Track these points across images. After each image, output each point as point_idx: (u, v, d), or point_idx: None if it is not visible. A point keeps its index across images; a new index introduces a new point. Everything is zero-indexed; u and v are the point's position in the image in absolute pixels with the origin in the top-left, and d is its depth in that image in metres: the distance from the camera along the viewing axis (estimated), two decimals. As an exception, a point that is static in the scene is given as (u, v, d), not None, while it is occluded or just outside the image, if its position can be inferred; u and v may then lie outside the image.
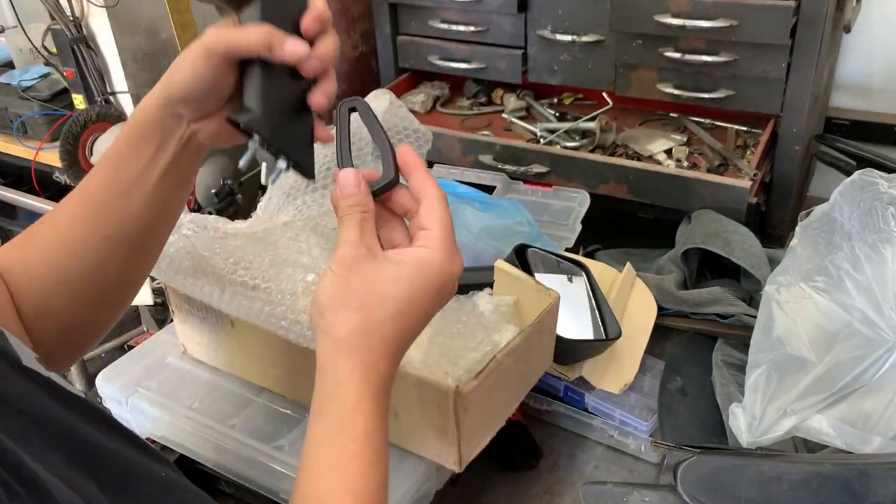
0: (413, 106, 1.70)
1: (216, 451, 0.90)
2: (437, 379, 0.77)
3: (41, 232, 0.73)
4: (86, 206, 0.72)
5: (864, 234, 0.88)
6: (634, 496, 0.84)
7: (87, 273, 0.71)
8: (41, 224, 0.74)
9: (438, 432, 0.80)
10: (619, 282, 1.12)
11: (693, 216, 1.27)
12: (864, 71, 1.67)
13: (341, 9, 1.94)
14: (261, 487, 0.88)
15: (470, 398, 0.76)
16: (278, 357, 0.92)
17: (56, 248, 0.71)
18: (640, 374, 1.07)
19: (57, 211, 0.74)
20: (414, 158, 0.65)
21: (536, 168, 1.40)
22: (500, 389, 0.84)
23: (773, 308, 0.91)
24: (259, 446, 0.88)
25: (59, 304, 0.71)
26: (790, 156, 1.37)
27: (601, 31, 1.43)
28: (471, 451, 0.82)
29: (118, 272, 0.74)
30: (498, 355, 0.80)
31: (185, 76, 0.66)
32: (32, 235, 0.73)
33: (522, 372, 0.90)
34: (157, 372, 1.02)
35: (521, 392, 0.93)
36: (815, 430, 0.83)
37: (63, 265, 0.71)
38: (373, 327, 0.58)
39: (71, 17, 1.54)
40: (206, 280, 0.86)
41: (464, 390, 0.75)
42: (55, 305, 0.71)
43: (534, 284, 0.93)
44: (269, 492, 0.87)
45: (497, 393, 0.84)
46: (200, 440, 0.91)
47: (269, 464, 0.86)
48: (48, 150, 1.74)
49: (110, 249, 0.72)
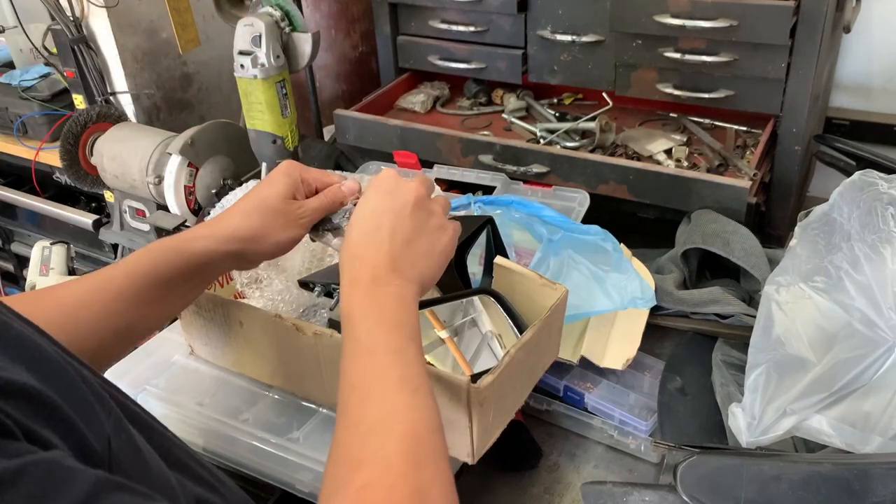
0: (413, 106, 1.71)
1: (229, 446, 0.91)
2: (451, 373, 0.78)
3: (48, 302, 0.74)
4: (106, 300, 0.75)
5: (864, 235, 0.88)
6: (634, 496, 0.84)
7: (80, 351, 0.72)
8: (49, 293, 0.76)
9: (452, 426, 0.80)
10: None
11: (693, 216, 1.27)
12: (863, 71, 1.67)
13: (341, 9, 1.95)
14: (276, 480, 0.88)
15: (485, 393, 0.77)
16: (287, 356, 0.92)
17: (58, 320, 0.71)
18: (640, 374, 1.07)
19: (70, 290, 0.75)
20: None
21: (536, 168, 1.40)
22: (513, 383, 0.86)
23: (773, 308, 0.91)
24: (273, 439, 0.89)
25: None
26: (790, 156, 1.37)
27: (601, 31, 1.43)
28: (484, 443, 0.82)
29: (109, 352, 0.78)
30: (511, 350, 0.82)
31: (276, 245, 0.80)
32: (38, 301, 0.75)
33: (532, 365, 0.91)
34: (163, 370, 1.02)
35: (530, 384, 0.94)
36: (815, 429, 0.83)
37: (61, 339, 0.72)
38: (356, 251, 0.69)
39: (71, 17, 1.54)
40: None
41: (479, 385, 0.76)
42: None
43: (538, 279, 0.93)
44: (284, 484, 0.87)
45: (509, 386, 0.85)
46: (212, 435, 0.92)
47: (285, 455, 0.87)
48: (48, 150, 1.74)
49: (111, 338, 0.76)
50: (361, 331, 0.64)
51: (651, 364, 1.09)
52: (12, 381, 0.41)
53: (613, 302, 1.06)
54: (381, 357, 0.62)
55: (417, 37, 1.67)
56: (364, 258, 0.68)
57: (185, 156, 1.42)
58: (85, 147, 1.58)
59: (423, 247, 0.71)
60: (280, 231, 0.79)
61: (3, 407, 0.39)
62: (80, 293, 0.75)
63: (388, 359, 0.62)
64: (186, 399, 0.96)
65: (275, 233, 0.79)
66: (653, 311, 1.10)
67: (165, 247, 0.79)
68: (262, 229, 0.79)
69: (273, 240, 0.79)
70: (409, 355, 0.63)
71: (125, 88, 1.61)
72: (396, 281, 0.67)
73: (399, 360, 0.62)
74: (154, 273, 0.77)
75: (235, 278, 1.03)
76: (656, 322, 1.12)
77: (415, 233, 0.70)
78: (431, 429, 0.59)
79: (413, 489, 0.54)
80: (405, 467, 0.55)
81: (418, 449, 0.57)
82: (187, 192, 1.45)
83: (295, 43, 1.31)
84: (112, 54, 1.58)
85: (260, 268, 1.03)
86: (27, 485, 0.36)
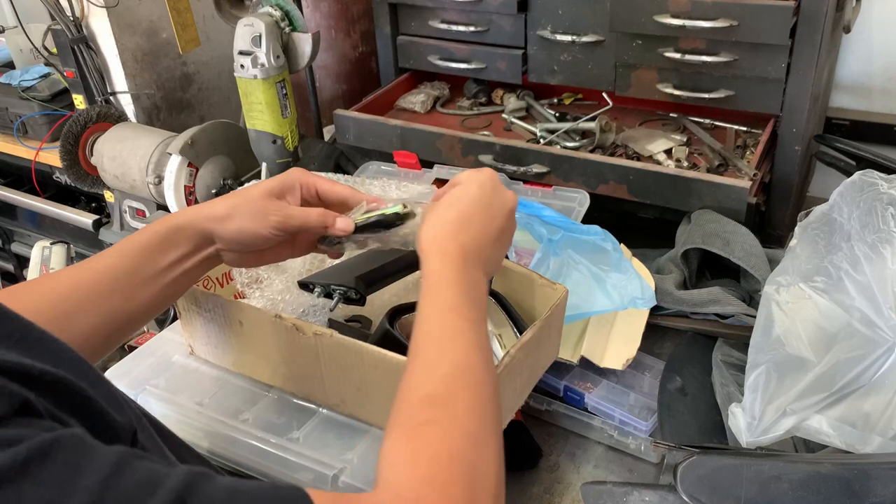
0: (413, 106, 1.71)
1: (229, 446, 0.91)
2: None
3: (36, 290, 0.75)
4: (91, 283, 0.76)
5: (864, 235, 0.88)
6: (634, 496, 0.84)
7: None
8: (38, 283, 0.77)
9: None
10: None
11: (693, 216, 1.27)
12: (864, 71, 1.67)
13: (341, 9, 1.95)
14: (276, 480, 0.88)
15: None
16: (287, 356, 0.92)
17: (47, 306, 0.73)
18: (640, 374, 1.07)
19: (57, 278, 0.76)
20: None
21: (536, 168, 1.40)
22: (513, 383, 0.86)
23: (773, 308, 0.91)
24: (273, 439, 0.89)
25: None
26: (790, 156, 1.37)
27: (601, 31, 1.43)
28: None
29: (100, 343, 0.78)
30: (511, 350, 0.82)
31: (239, 232, 0.80)
32: (23, 290, 0.75)
33: (532, 365, 0.91)
34: (163, 370, 1.02)
35: (530, 384, 0.94)
36: (815, 429, 0.83)
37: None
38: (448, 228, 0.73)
39: (71, 17, 1.54)
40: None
41: None
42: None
43: (538, 279, 0.94)
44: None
45: (509, 386, 0.85)
46: (212, 435, 0.92)
47: (285, 455, 0.87)
48: (48, 150, 1.74)
49: (101, 325, 0.76)
50: (449, 292, 0.68)
51: (651, 364, 1.09)
52: (48, 371, 0.44)
53: (613, 302, 1.06)
54: (463, 320, 0.66)
55: (417, 37, 1.67)
56: (456, 239, 0.72)
57: (185, 156, 1.42)
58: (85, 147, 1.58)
59: (500, 251, 0.78)
60: (247, 219, 0.80)
61: (36, 396, 0.42)
62: (74, 276, 0.77)
63: (468, 325, 0.66)
64: (186, 399, 0.96)
65: (241, 219, 0.80)
66: (653, 311, 1.10)
67: (149, 225, 0.81)
68: (232, 210, 0.80)
69: (236, 225, 0.80)
70: (483, 329, 0.68)
71: (125, 88, 1.61)
72: (480, 269, 0.73)
73: (478, 329, 0.67)
74: (141, 253, 0.79)
75: (236, 278, 1.03)
76: (656, 322, 1.12)
77: (500, 237, 0.77)
78: (494, 396, 0.63)
79: (470, 436, 0.57)
80: (468, 416, 0.59)
81: (483, 406, 0.60)
82: (187, 192, 1.45)
83: (295, 43, 1.31)
84: (112, 54, 1.59)
85: (260, 268, 1.03)
86: (64, 452, 0.40)
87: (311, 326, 0.87)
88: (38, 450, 0.39)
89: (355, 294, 0.88)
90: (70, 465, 0.39)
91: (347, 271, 0.91)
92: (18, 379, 0.42)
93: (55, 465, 0.39)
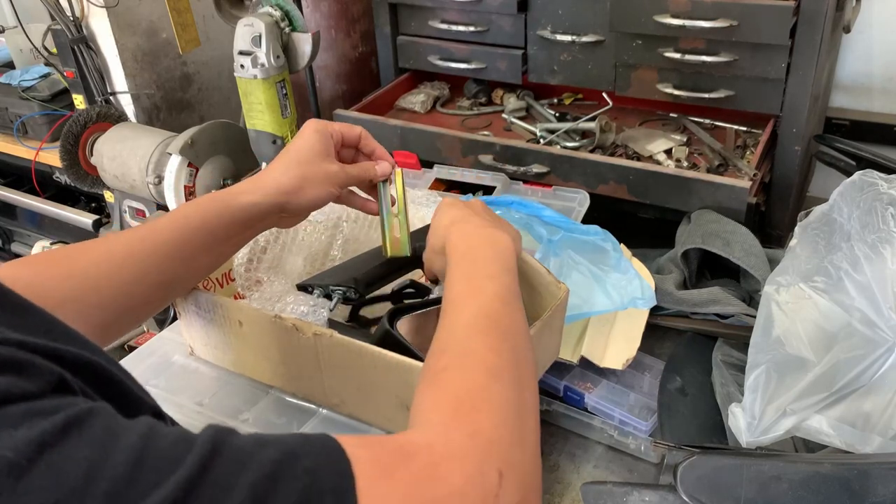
0: (413, 106, 1.71)
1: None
2: None
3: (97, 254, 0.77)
4: (154, 251, 0.78)
5: (864, 235, 0.88)
6: (634, 496, 0.84)
7: (115, 304, 0.76)
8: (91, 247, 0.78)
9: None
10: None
11: (693, 216, 1.27)
12: (864, 71, 1.67)
13: (341, 9, 1.95)
14: None
15: None
16: (287, 356, 0.92)
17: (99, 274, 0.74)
18: (640, 374, 1.07)
19: (120, 240, 0.78)
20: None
21: (536, 168, 1.40)
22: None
23: (773, 308, 0.91)
24: None
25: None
26: (790, 156, 1.37)
27: (601, 31, 1.43)
28: None
29: (152, 304, 0.81)
30: None
31: (312, 201, 0.85)
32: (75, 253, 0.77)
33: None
34: (163, 370, 1.02)
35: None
36: (815, 429, 0.83)
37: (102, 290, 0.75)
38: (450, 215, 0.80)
39: (71, 17, 1.54)
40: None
41: None
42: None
43: (546, 275, 0.93)
44: None
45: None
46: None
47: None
48: (48, 150, 1.75)
49: (156, 289, 0.79)
50: (480, 259, 0.72)
51: (651, 364, 1.09)
52: (81, 355, 0.46)
53: (613, 302, 1.06)
54: (483, 277, 0.70)
55: (417, 37, 1.67)
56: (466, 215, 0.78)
57: (185, 156, 1.42)
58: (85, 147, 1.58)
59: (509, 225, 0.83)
60: (317, 188, 0.84)
61: (71, 376, 0.44)
62: (130, 243, 0.78)
63: (488, 281, 0.69)
64: (186, 399, 0.96)
65: (312, 189, 0.84)
66: (653, 311, 1.10)
67: (215, 198, 0.83)
68: (302, 182, 0.84)
69: (313, 193, 0.84)
70: (508, 280, 0.71)
71: (125, 88, 1.62)
72: (496, 227, 0.77)
73: (502, 280, 0.70)
74: (203, 226, 0.80)
75: (236, 278, 1.03)
76: (656, 322, 1.12)
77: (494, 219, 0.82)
78: (518, 335, 0.65)
79: (490, 371, 0.59)
80: (487, 354, 0.60)
81: (504, 344, 0.62)
82: (187, 192, 1.45)
83: (295, 43, 1.31)
84: (112, 54, 1.59)
85: (260, 269, 1.03)
86: (101, 418, 0.42)
87: (310, 326, 0.87)
88: (76, 416, 0.40)
89: (354, 294, 0.88)
90: (108, 429, 0.41)
91: (346, 272, 0.91)
92: (53, 360, 0.44)
93: (93, 429, 0.40)
